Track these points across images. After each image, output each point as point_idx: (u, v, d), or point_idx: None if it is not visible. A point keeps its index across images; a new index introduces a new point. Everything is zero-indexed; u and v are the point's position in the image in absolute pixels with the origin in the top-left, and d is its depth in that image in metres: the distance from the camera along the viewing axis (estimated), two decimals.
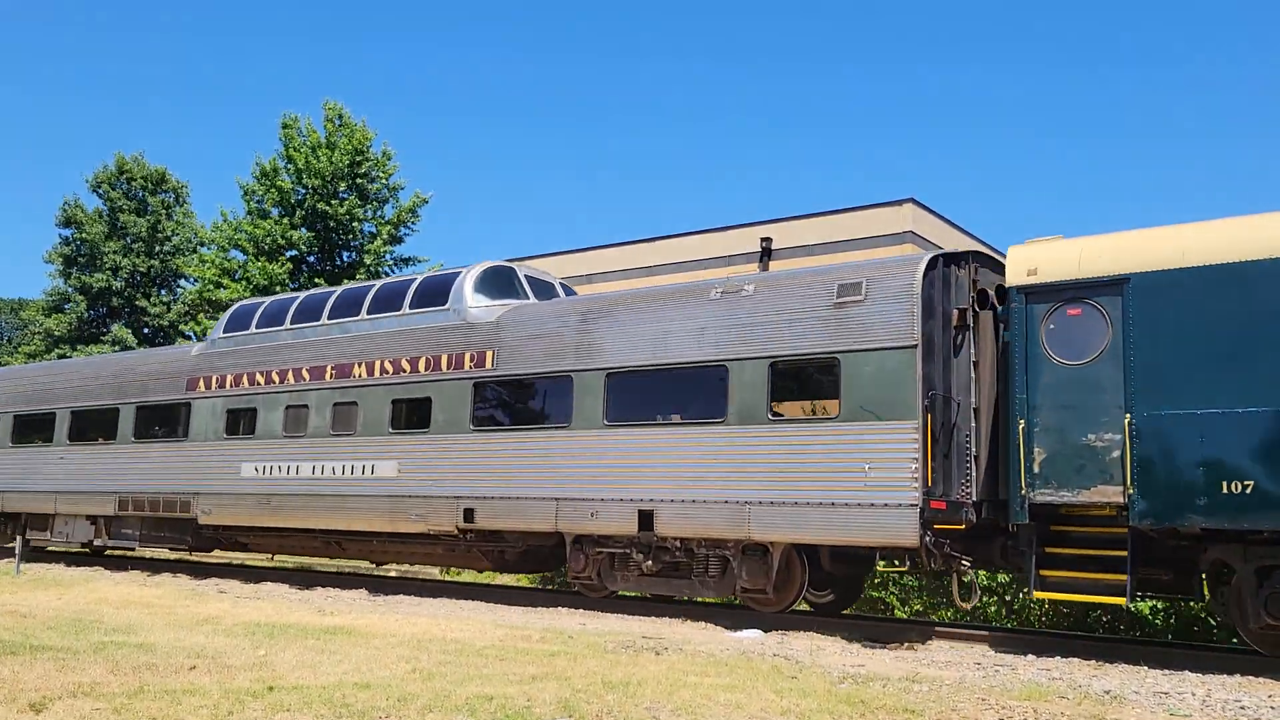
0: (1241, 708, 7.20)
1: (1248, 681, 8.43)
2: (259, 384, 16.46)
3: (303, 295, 17.20)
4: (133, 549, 18.99)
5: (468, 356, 14.00)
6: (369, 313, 15.57)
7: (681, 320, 12.25)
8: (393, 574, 19.46)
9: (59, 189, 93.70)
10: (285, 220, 26.21)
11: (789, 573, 11.51)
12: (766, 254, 22.04)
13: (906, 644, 10.41)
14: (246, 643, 8.99)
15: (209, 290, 26.50)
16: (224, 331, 17.81)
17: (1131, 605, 13.04)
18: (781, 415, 11.41)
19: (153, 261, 38.18)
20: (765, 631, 11.10)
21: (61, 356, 34.37)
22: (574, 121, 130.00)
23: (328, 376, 15.51)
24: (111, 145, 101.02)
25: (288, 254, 26.19)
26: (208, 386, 17.26)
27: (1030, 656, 9.57)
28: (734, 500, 11.35)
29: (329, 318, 16.11)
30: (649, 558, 12.23)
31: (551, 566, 15.48)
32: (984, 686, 7.67)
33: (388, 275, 27.34)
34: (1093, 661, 9.32)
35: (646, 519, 11.97)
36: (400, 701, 6.44)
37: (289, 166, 26.39)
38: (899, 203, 21.77)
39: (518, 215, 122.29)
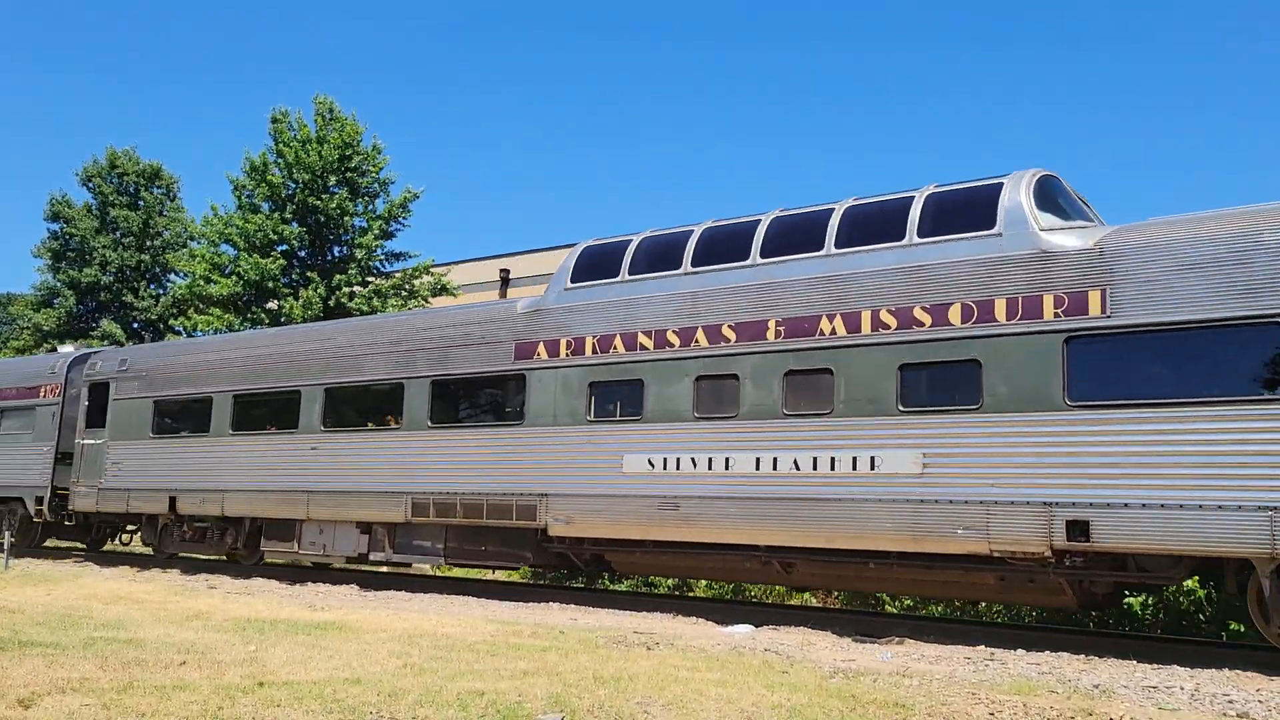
0: (1230, 701, 7.24)
1: (1236, 676, 8.48)
2: (644, 347, 12.51)
3: (698, 229, 12.96)
4: (422, 567, 15.05)
5: (1049, 300, 9.99)
6: (839, 245, 11.48)
7: None
8: (383, 570, 19.44)
9: (47, 183, 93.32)
10: (276, 215, 26.12)
11: None
12: None
13: (897, 639, 10.44)
14: (237, 638, 8.97)
15: (199, 285, 26.39)
16: (573, 281, 13.59)
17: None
18: None
19: (143, 256, 38.03)
20: (756, 627, 11.13)
21: (51, 351, 34.08)
22: (569, 119, 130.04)
23: (771, 335, 11.57)
24: (99, 139, 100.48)
25: (279, 248, 26.10)
26: (553, 353, 13.30)
27: (1020, 651, 9.61)
28: None
29: (762, 255, 12.05)
30: None
31: (1104, 606, 11.59)
32: (974, 681, 7.69)
33: (379, 271, 27.25)
34: (1082, 656, 9.36)
35: None
36: (391, 697, 6.43)
37: (279, 161, 26.30)
38: None
39: (512, 212, 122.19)
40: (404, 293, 26.24)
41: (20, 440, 20.68)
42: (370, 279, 26.64)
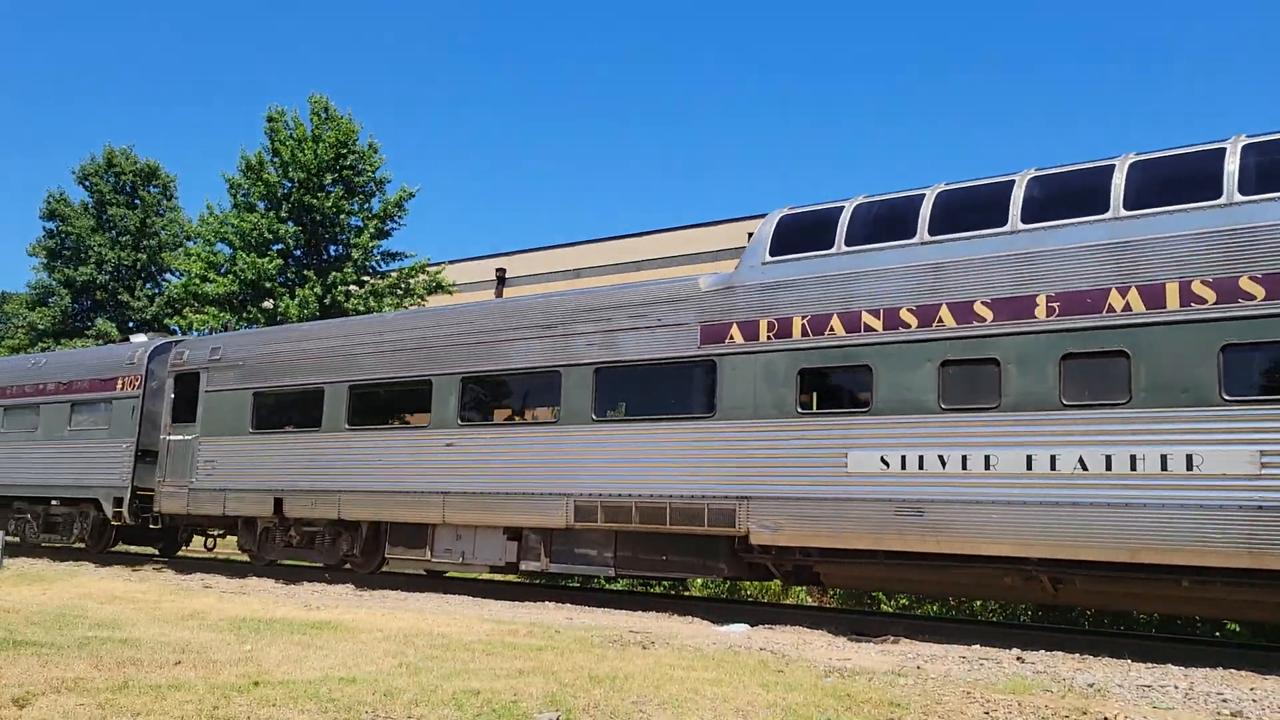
0: (1224, 700, 7.26)
1: (1230, 674, 8.51)
2: (870, 328, 10.97)
3: (931, 192, 11.43)
4: (596, 576, 13.59)
5: None
6: (1129, 207, 9.94)
7: None
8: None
9: (44, 181, 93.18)
10: (272, 214, 26.10)
11: None
12: None
13: (892, 638, 10.46)
14: (232, 638, 8.97)
15: (194, 284, 26.37)
16: (772, 254, 12.01)
17: None
18: None
19: (139, 255, 38.00)
20: (752, 626, 11.15)
21: (45, 350, 34.00)
22: (565, 119, 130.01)
23: (1041, 312, 10.01)
24: (94, 137, 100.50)
25: (275, 248, 26.08)
26: (750, 336, 11.76)
27: (1015, 650, 9.63)
28: None
29: (1024, 220, 10.49)
30: None
31: None
32: (969, 680, 7.71)
33: (375, 270, 27.25)
34: (1077, 655, 9.38)
35: None
36: (386, 696, 6.43)
37: (275, 160, 26.28)
38: None
39: (506, 211, 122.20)
40: (400, 291, 26.25)
41: (94, 437, 19.11)
42: (366, 278, 26.64)
